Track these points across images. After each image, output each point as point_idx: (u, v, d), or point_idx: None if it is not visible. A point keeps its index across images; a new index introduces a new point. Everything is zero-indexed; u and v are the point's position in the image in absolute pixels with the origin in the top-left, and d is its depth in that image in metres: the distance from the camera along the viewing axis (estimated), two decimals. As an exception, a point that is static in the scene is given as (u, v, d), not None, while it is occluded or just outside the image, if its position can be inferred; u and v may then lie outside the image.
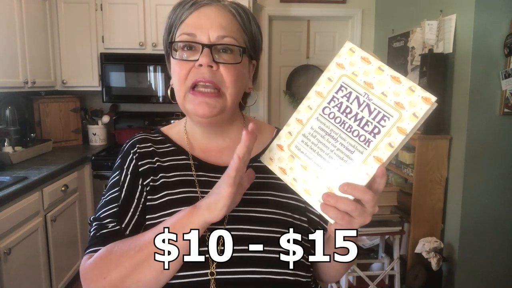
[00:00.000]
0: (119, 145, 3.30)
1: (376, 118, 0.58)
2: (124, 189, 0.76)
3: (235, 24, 0.74)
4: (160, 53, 3.14)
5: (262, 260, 0.70)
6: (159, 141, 0.83)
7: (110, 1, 3.12)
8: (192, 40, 0.71)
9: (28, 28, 2.70)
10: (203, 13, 0.72)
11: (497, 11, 2.17)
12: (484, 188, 2.30)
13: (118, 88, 3.19)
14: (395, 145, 0.57)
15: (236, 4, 0.76)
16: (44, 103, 3.19)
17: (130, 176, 0.77)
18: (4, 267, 1.90)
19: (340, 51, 0.63)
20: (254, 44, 0.78)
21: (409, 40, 2.85)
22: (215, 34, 0.71)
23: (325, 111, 0.63)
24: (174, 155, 0.80)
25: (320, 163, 0.62)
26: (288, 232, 0.67)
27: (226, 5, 0.74)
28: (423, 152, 2.39)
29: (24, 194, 2.10)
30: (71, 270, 2.70)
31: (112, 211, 0.75)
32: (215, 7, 0.73)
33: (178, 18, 0.74)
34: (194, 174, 0.77)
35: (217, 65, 0.70)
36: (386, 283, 2.55)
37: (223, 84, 0.71)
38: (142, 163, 0.78)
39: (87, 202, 2.98)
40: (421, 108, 0.55)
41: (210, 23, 0.71)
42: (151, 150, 0.80)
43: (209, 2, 0.73)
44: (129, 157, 0.79)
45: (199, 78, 0.70)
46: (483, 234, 2.34)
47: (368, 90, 0.59)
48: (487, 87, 2.23)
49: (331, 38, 3.85)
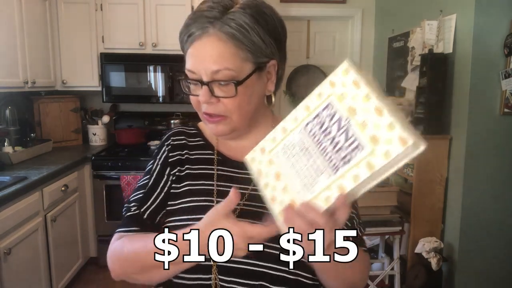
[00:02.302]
0: (119, 145, 3.30)
1: (350, 146, 0.56)
2: (152, 178, 0.85)
3: (228, 49, 0.71)
4: (160, 53, 3.18)
5: (262, 256, 0.72)
6: (192, 135, 0.89)
7: (110, 1, 3.12)
8: (193, 78, 0.75)
9: (28, 28, 2.70)
10: (196, 48, 0.73)
11: (497, 11, 2.17)
12: (484, 188, 2.30)
13: (118, 88, 3.19)
14: (359, 179, 0.54)
15: (230, 21, 0.71)
16: (44, 103, 3.19)
17: (160, 166, 0.85)
18: (4, 267, 1.90)
19: (337, 70, 0.61)
20: (260, 49, 0.74)
21: (409, 40, 2.85)
22: (209, 70, 0.72)
23: (308, 127, 0.62)
24: (201, 149, 0.86)
25: (291, 175, 0.62)
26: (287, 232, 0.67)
27: (216, 31, 0.71)
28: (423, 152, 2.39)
29: (24, 194, 2.10)
30: (71, 270, 2.70)
31: (138, 196, 0.84)
32: (206, 38, 0.71)
33: (183, 48, 0.77)
34: (215, 168, 0.83)
35: (216, 99, 0.73)
36: (386, 283, 2.55)
37: (227, 111, 0.75)
38: (172, 155, 0.85)
39: (87, 202, 2.99)
40: (394, 149, 0.51)
41: (203, 58, 0.72)
42: (183, 143, 0.87)
43: (200, 34, 0.72)
44: (162, 148, 0.87)
45: (205, 110, 0.76)
46: (483, 234, 2.34)
47: (351, 115, 0.57)
48: (487, 87, 2.23)
49: (331, 38, 3.85)
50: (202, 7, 0.74)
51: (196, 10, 0.75)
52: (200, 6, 0.75)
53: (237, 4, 0.73)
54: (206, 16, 0.72)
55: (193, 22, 0.73)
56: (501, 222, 2.34)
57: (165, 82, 3.18)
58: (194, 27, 0.73)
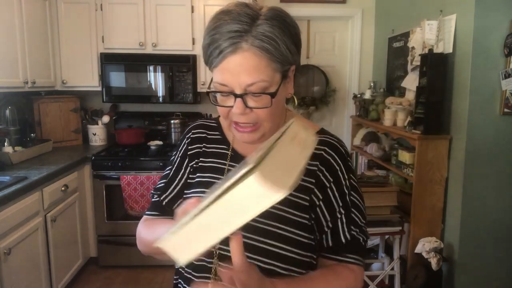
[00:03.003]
0: (119, 145, 3.30)
1: None
2: (173, 169, 0.94)
3: (261, 62, 0.72)
4: (160, 53, 3.18)
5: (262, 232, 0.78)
6: (213, 128, 0.94)
7: (110, 1, 3.12)
8: (225, 91, 0.74)
9: (28, 28, 2.70)
10: (229, 63, 0.71)
11: (497, 11, 2.17)
12: (484, 188, 2.30)
13: (118, 88, 3.19)
14: None
15: (260, 34, 0.71)
16: (44, 103, 3.19)
17: (180, 158, 0.93)
18: (4, 267, 1.90)
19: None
20: (287, 58, 0.76)
21: (409, 40, 2.85)
22: (244, 83, 0.72)
23: None
24: (218, 143, 0.91)
25: None
26: (291, 229, 0.77)
27: (249, 46, 0.71)
28: (423, 152, 2.39)
29: (24, 194, 2.10)
30: (71, 270, 2.70)
31: (161, 185, 0.94)
32: (240, 54, 0.71)
33: (211, 60, 0.74)
34: (227, 163, 0.87)
35: (250, 109, 0.75)
36: (386, 283, 2.55)
37: (259, 120, 0.76)
38: (191, 147, 0.92)
39: (87, 202, 2.99)
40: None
41: (238, 72, 0.71)
42: (203, 136, 0.93)
43: (233, 50, 0.71)
44: (184, 141, 0.95)
45: (237, 120, 0.77)
46: (483, 234, 2.34)
47: None
48: (487, 87, 2.23)
49: (331, 38, 3.85)
50: (225, 18, 0.71)
51: (219, 21, 0.72)
52: (220, 16, 0.73)
53: (261, 15, 0.72)
54: (236, 30, 0.70)
55: (221, 36, 0.71)
56: (501, 222, 2.34)
57: (165, 82, 3.18)
58: (224, 42, 0.70)
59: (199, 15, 3.15)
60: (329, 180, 0.83)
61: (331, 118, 3.95)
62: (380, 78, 3.51)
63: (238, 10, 0.72)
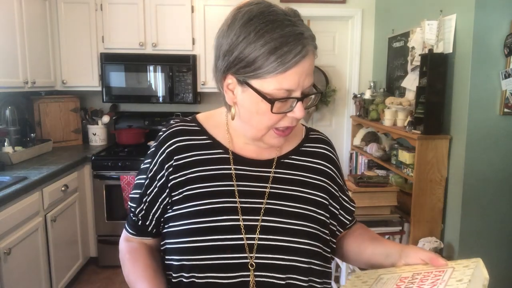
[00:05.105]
0: (119, 145, 3.30)
1: None
2: (152, 186, 0.83)
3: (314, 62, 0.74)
4: (160, 53, 3.18)
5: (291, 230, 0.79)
6: (196, 132, 0.85)
7: (110, 1, 3.12)
8: (290, 96, 0.71)
9: (28, 28, 2.70)
10: (301, 66, 0.69)
11: (497, 11, 2.17)
12: (484, 188, 2.30)
13: (118, 88, 3.20)
14: None
15: (312, 35, 0.72)
16: (44, 103, 3.19)
17: (158, 166, 0.83)
18: (4, 267, 1.90)
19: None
20: None
21: (409, 40, 2.85)
22: (307, 85, 0.72)
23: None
24: (211, 148, 0.83)
25: None
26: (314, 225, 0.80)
27: (312, 48, 0.71)
28: (423, 152, 2.39)
29: (24, 194, 2.10)
30: (71, 270, 2.70)
31: (136, 196, 0.86)
32: (307, 56, 0.69)
33: (273, 68, 0.68)
34: (232, 167, 0.81)
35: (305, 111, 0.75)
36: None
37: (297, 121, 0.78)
38: (177, 158, 0.82)
39: (87, 202, 2.99)
40: None
41: (305, 75, 0.70)
42: (189, 144, 0.83)
43: (305, 53, 0.69)
44: (162, 147, 0.84)
45: (289, 124, 0.75)
46: (483, 234, 2.34)
47: None
48: (487, 87, 2.23)
49: (331, 38, 3.85)
50: (278, 19, 0.69)
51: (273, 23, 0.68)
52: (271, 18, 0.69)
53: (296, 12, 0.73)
54: (299, 33, 0.68)
55: (294, 39, 0.68)
56: (501, 222, 2.34)
57: (165, 82, 3.18)
58: (297, 44, 0.68)
59: (199, 15, 3.15)
60: (335, 172, 0.90)
61: (331, 118, 3.95)
62: (380, 78, 3.51)
63: (283, 10, 0.71)
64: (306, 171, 0.85)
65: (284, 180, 0.82)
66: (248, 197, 0.79)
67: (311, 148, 0.88)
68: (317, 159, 0.87)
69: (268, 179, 0.81)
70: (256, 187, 0.80)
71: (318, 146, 0.90)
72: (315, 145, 0.89)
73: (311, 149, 0.88)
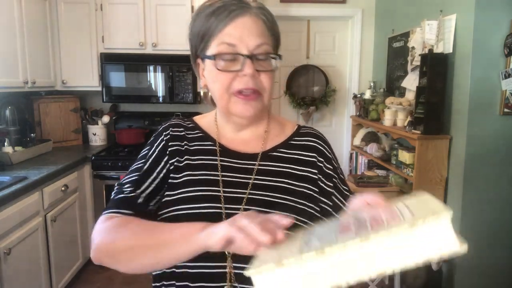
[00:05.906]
0: (119, 145, 3.30)
1: None
2: (148, 162, 0.85)
3: (266, 29, 0.79)
4: (160, 53, 3.18)
5: None
6: (190, 128, 0.91)
7: (110, 1, 3.12)
8: (234, 52, 0.77)
9: (28, 28, 2.70)
10: (239, 23, 0.76)
11: (497, 11, 2.17)
12: (484, 188, 2.30)
13: (118, 88, 3.20)
14: None
15: (262, 8, 0.81)
16: (44, 103, 3.19)
17: (158, 152, 0.86)
18: (4, 267, 1.90)
19: None
20: (277, 43, 0.85)
21: (409, 40, 2.85)
22: (253, 44, 0.76)
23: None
24: (201, 140, 0.88)
25: None
26: (300, 217, 0.77)
27: (257, 12, 0.79)
28: (423, 152, 2.39)
29: (24, 194, 2.10)
30: (71, 270, 2.70)
31: (133, 178, 0.83)
32: (249, 16, 0.77)
33: (213, 28, 0.78)
34: (218, 159, 0.85)
35: (258, 73, 0.78)
36: (386, 283, 2.55)
37: (263, 88, 0.80)
38: (172, 144, 0.86)
39: (87, 202, 2.99)
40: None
41: (248, 33, 0.76)
42: (182, 134, 0.89)
43: (242, 12, 0.77)
44: (161, 137, 0.88)
45: (244, 86, 0.78)
46: (483, 234, 2.34)
47: None
48: (487, 87, 2.23)
49: (331, 38, 3.85)
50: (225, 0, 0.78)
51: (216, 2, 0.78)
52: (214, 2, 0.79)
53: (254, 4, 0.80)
54: (249, 3, 0.78)
55: (232, 4, 0.77)
56: (501, 222, 2.34)
57: (165, 82, 3.18)
58: (233, 5, 0.76)
59: (199, 15, 3.14)
60: (323, 162, 0.88)
61: (331, 118, 3.95)
62: (380, 78, 3.51)
63: None
64: (293, 163, 0.86)
65: (270, 172, 0.83)
66: (232, 187, 0.81)
67: (300, 142, 0.90)
68: (305, 151, 0.88)
69: (253, 171, 0.83)
70: (240, 178, 0.82)
71: (308, 139, 0.90)
72: (305, 139, 0.90)
73: (300, 142, 0.90)
